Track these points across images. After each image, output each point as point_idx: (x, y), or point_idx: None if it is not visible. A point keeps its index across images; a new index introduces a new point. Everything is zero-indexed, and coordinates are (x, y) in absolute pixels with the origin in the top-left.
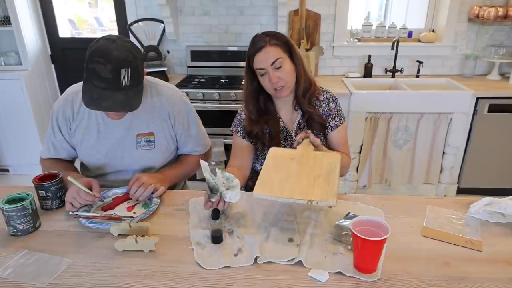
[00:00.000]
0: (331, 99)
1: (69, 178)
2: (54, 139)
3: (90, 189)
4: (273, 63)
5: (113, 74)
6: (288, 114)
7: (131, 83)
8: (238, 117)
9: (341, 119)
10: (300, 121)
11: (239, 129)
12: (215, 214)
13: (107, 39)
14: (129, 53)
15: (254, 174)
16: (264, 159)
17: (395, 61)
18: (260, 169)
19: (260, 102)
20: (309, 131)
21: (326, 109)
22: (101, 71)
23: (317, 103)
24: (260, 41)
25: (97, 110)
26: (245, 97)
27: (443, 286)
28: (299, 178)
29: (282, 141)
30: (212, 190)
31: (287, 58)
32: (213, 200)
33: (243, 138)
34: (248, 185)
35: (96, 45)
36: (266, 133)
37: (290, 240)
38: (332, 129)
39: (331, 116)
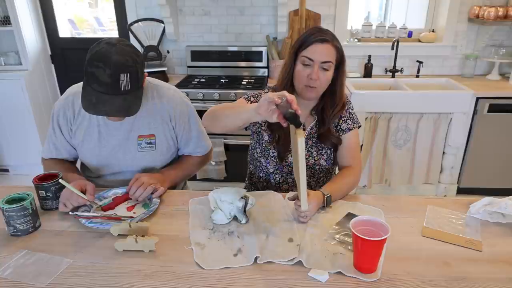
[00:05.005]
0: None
1: (60, 181)
2: (55, 139)
3: (85, 192)
4: (324, 62)
5: (112, 79)
6: (302, 118)
7: (131, 87)
8: (257, 94)
9: (354, 123)
10: (314, 128)
11: (251, 99)
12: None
13: (108, 42)
14: (129, 57)
15: (260, 179)
16: (270, 158)
17: (395, 61)
18: (265, 166)
19: None
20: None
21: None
22: (100, 75)
23: None
24: (326, 34)
25: (96, 114)
26: (284, 83)
27: (443, 286)
28: None
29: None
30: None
31: (333, 66)
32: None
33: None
34: (258, 188)
35: (96, 49)
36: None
37: (290, 240)
38: (344, 132)
39: (343, 119)
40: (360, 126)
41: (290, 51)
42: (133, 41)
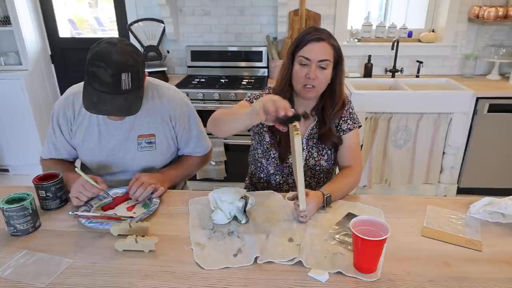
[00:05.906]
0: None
1: (76, 169)
2: (54, 139)
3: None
4: (321, 60)
5: (113, 78)
6: (302, 119)
7: (132, 87)
8: (257, 94)
9: (354, 123)
10: (314, 128)
11: (253, 100)
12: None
13: (108, 42)
14: (129, 57)
15: (260, 179)
16: (271, 159)
17: (395, 61)
18: (265, 166)
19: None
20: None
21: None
22: (101, 75)
23: None
24: (322, 33)
25: (97, 114)
26: (283, 84)
27: (443, 286)
28: None
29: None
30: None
31: (331, 65)
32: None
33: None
34: (258, 188)
35: (96, 49)
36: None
37: (290, 240)
38: (344, 133)
39: (343, 119)
40: (361, 126)
41: (288, 52)
42: (133, 41)
